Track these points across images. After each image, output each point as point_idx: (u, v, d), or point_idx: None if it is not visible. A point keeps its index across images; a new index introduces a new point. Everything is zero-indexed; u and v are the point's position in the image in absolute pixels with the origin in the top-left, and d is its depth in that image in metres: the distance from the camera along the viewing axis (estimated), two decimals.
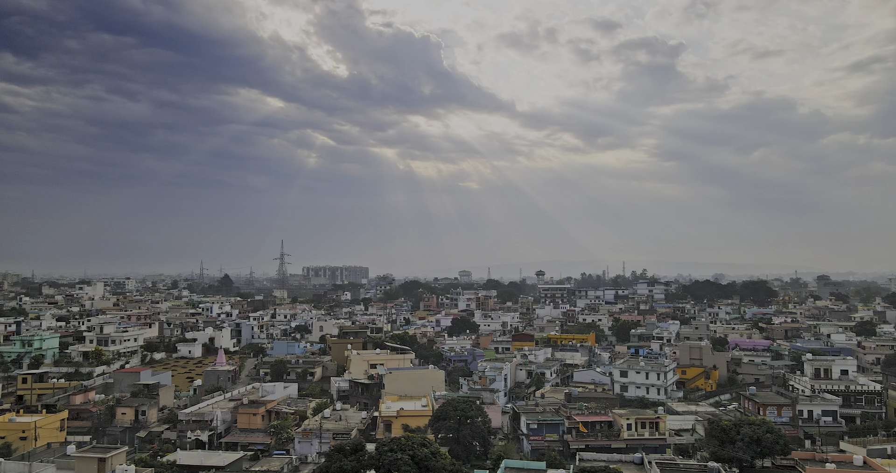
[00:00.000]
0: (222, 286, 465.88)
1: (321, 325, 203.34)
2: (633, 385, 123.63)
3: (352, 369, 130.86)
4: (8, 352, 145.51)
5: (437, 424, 75.53)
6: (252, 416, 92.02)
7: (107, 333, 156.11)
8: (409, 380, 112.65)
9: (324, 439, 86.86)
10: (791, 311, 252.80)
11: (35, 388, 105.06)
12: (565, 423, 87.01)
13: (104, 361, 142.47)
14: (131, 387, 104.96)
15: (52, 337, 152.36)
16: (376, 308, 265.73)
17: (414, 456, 53.12)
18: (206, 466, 71.97)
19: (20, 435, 76.18)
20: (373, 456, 54.53)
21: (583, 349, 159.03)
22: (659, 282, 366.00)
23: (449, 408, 75.69)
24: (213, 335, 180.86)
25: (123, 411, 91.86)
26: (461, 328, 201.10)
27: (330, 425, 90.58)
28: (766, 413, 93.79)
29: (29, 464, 55.41)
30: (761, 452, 62.97)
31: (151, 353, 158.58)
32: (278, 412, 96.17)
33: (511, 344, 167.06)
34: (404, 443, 54.66)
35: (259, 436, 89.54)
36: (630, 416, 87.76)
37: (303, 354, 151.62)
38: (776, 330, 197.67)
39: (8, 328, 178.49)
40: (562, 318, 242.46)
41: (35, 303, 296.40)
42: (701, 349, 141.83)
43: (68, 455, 71.50)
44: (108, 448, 61.47)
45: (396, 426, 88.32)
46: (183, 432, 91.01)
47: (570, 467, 61.90)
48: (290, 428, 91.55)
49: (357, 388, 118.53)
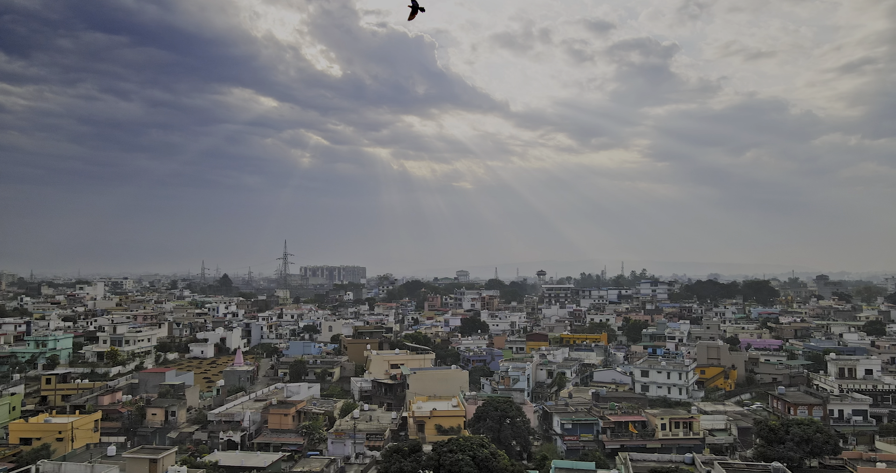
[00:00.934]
0: (222, 286, 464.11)
1: (330, 325, 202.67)
2: (654, 385, 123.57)
3: (372, 369, 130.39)
4: (22, 352, 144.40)
5: (477, 424, 75.26)
6: (283, 417, 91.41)
7: (120, 333, 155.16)
8: (434, 380, 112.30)
9: (357, 439, 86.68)
10: (797, 311, 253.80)
11: (59, 389, 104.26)
12: (600, 423, 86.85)
13: (120, 361, 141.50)
14: (157, 388, 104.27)
15: (65, 338, 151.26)
16: (382, 308, 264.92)
17: (475, 457, 52.79)
18: (248, 466, 71.46)
19: (56, 436, 75.46)
20: (431, 457, 54.14)
21: (598, 348, 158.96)
22: (662, 282, 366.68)
23: (490, 408, 75.45)
24: (225, 335, 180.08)
25: (154, 411, 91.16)
26: (471, 327, 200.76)
27: (361, 425, 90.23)
28: (796, 413, 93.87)
29: (91, 466, 54.73)
30: (811, 451, 62.93)
31: (165, 353, 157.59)
32: (308, 412, 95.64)
33: (525, 344, 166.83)
34: (463, 444, 54.33)
35: (291, 437, 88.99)
36: (664, 416, 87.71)
37: (318, 354, 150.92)
38: (785, 330, 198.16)
39: (18, 329, 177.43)
40: (568, 318, 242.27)
41: (36, 303, 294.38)
42: (718, 349, 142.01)
43: (109, 456, 71.10)
44: (158, 449, 60.92)
45: (429, 426, 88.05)
46: (214, 432, 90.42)
47: (623, 467, 61.69)
48: (321, 429, 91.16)
49: (380, 388, 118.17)
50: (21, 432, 76.12)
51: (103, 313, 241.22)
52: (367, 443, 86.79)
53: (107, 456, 71.85)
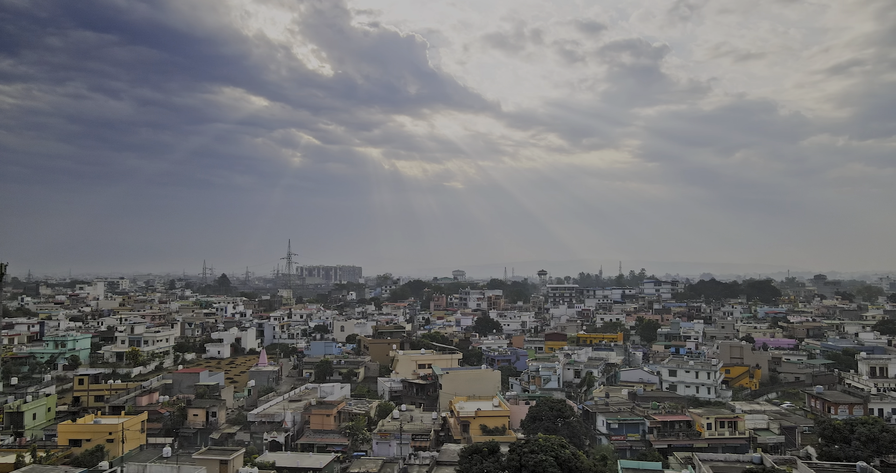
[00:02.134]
0: (220, 286, 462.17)
1: (342, 325, 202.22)
2: (682, 384, 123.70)
3: (398, 369, 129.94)
4: (41, 353, 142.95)
5: (533, 424, 75.01)
6: (325, 417, 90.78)
7: (137, 333, 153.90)
8: (466, 380, 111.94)
9: (403, 440, 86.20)
10: (804, 310, 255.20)
11: (91, 389, 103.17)
12: (646, 423, 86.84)
13: (141, 362, 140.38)
14: (191, 388, 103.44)
15: (84, 338, 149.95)
16: (390, 308, 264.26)
17: (557, 457, 52.55)
18: (304, 467, 70.86)
19: (107, 437, 74.54)
20: (512, 458, 53.83)
21: (617, 348, 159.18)
22: (665, 282, 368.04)
23: (545, 408, 75.25)
24: (240, 335, 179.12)
25: (195, 412, 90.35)
26: (485, 327, 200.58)
27: (405, 426, 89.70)
28: (837, 412, 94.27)
29: (178, 467, 54.06)
30: (877, 450, 63.10)
31: (183, 354, 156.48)
32: (348, 412, 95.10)
33: (544, 344, 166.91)
34: (543, 444, 54.07)
35: (334, 437, 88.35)
36: (709, 415, 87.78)
37: (339, 354, 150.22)
38: (797, 329, 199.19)
39: (31, 329, 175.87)
40: (577, 317, 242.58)
41: (38, 303, 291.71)
42: (741, 348, 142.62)
43: (164, 457, 70.38)
44: (227, 450, 60.35)
45: (474, 426, 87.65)
46: (256, 433, 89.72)
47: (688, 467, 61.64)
48: (364, 429, 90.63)
49: (412, 388, 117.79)
50: (70, 433, 75.19)
51: (109, 313, 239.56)
52: (414, 444, 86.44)
53: (162, 458, 71.19)
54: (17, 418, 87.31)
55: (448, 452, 70.78)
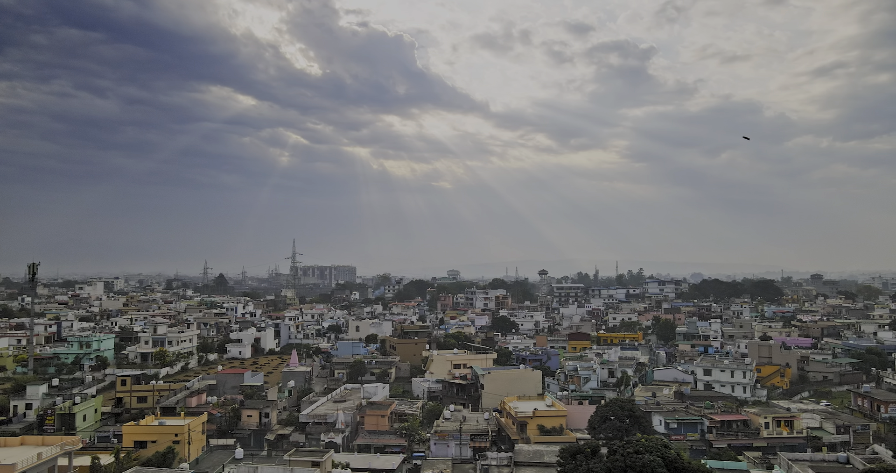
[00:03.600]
0: (218, 286, 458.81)
1: (357, 325, 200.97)
2: (717, 384, 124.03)
3: (433, 369, 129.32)
4: (64, 354, 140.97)
5: (603, 424, 74.66)
6: (379, 418, 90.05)
7: (160, 334, 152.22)
8: (508, 380, 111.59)
9: (463, 440, 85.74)
10: (811, 309, 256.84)
11: (134, 390, 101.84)
12: (705, 422, 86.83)
13: (167, 362, 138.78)
14: (235, 389, 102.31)
15: (108, 338, 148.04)
16: (400, 308, 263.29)
17: (663, 458, 52.23)
18: (377, 469, 70.26)
19: (173, 439, 73.47)
20: (615, 459, 53.43)
21: (642, 348, 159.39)
22: (669, 281, 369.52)
23: (615, 408, 74.97)
24: (258, 335, 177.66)
25: (249, 413, 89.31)
26: (501, 327, 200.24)
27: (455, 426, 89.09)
28: (887, 410, 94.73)
29: (290, 469, 53.11)
30: None
31: (206, 354, 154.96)
32: (400, 413, 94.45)
33: (567, 343, 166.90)
34: (647, 444, 53.72)
35: (391, 438, 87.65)
36: (766, 414, 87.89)
37: (366, 354, 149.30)
38: (812, 328, 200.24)
39: (48, 329, 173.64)
40: (587, 317, 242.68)
41: (40, 304, 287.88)
42: (769, 348, 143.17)
43: (237, 459, 69.49)
44: (315, 452, 59.57)
45: (532, 426, 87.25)
46: (311, 434, 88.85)
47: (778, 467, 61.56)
48: (419, 430, 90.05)
49: (451, 388, 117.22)
50: (136, 434, 74.16)
51: (117, 313, 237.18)
52: (473, 444, 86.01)
53: (236, 459, 70.33)
54: (69, 419, 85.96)
55: (523, 452, 70.27)
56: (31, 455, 54.58)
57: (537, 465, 67.08)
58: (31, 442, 61.28)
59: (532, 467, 66.59)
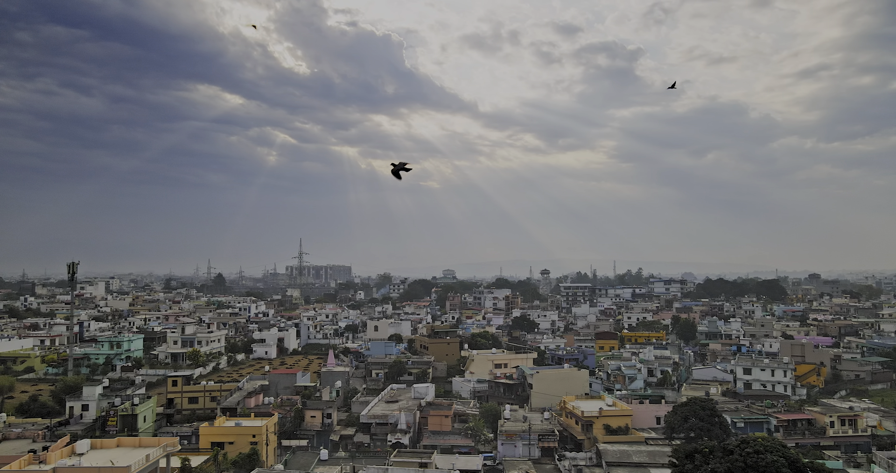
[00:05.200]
0: (217, 286, 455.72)
1: (375, 325, 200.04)
2: (757, 383, 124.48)
3: (473, 369, 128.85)
4: (95, 354, 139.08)
5: (685, 424, 74.47)
6: (443, 418, 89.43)
7: (189, 334, 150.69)
8: (556, 380, 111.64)
9: (532, 440, 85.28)
10: (821, 308, 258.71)
11: (185, 391, 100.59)
12: (772, 421, 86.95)
13: (201, 362, 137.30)
14: (287, 389, 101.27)
15: (137, 338, 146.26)
16: (412, 308, 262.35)
17: (785, 457, 52.04)
18: (464, 469, 69.60)
19: (250, 440, 72.44)
20: (734, 459, 53.12)
21: (671, 347, 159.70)
22: (675, 281, 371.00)
23: (696, 407, 74.78)
24: (281, 335, 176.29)
25: (312, 414, 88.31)
26: (522, 326, 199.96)
27: (521, 426, 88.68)
28: None
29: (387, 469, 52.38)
30: None
31: (235, 354, 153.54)
32: (462, 413, 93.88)
33: (595, 342, 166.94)
34: (765, 444, 53.53)
35: (456, 439, 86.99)
36: (831, 413, 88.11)
37: (398, 354, 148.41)
38: (830, 327, 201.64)
39: (70, 330, 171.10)
40: (601, 317, 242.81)
41: (45, 303, 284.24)
42: (803, 346, 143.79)
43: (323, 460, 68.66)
44: (419, 452, 58.91)
45: (598, 426, 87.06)
46: (376, 435, 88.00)
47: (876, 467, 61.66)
48: (483, 430, 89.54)
49: (498, 388, 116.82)
50: (212, 436, 73.01)
51: (129, 313, 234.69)
52: (541, 444, 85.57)
53: (322, 461, 69.51)
54: (131, 420, 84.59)
55: (610, 453, 69.99)
56: (141, 457, 53.59)
57: (627, 465, 66.86)
58: (127, 444, 60.26)
59: (623, 467, 66.34)
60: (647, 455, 68.86)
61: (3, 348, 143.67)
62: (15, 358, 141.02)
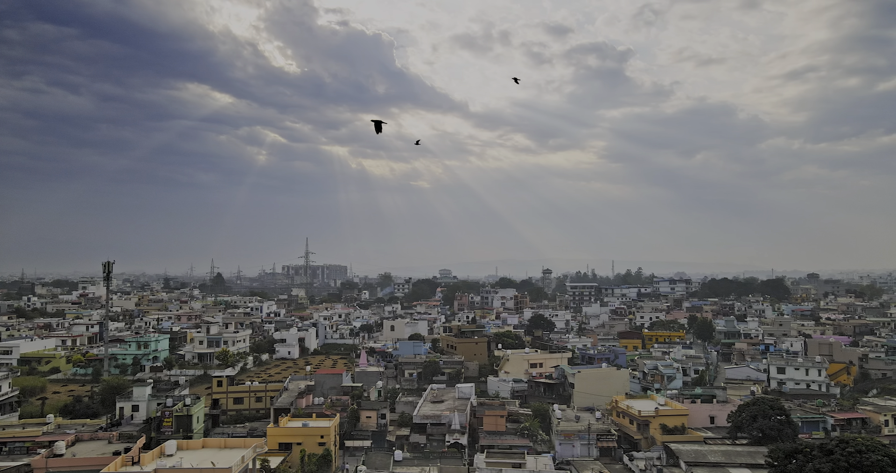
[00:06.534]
0: (216, 286, 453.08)
1: (392, 325, 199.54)
2: (791, 382, 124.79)
3: (508, 368, 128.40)
4: (122, 354, 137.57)
5: (754, 423, 74.34)
6: (498, 418, 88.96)
7: (214, 334, 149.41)
8: (597, 379, 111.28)
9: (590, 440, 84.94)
10: (829, 308, 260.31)
11: (230, 391, 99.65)
12: (829, 421, 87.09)
13: (230, 362, 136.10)
14: (334, 390, 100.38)
15: (163, 338, 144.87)
16: (424, 307, 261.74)
17: (888, 456, 52.01)
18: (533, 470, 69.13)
19: (318, 440, 71.69)
20: (836, 459, 53.02)
21: (696, 346, 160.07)
22: (679, 280, 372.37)
23: (765, 407, 74.75)
24: (301, 335, 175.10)
25: (368, 414, 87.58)
26: (539, 325, 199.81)
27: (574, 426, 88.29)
28: None
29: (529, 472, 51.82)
30: None
31: (260, 354, 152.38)
32: (515, 413, 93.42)
33: (618, 341, 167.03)
34: (867, 444, 53.50)
35: (513, 439, 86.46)
36: (885, 412, 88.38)
37: (426, 354, 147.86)
38: (845, 326, 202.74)
39: (90, 330, 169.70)
40: (613, 316, 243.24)
41: (49, 303, 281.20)
42: (831, 345, 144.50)
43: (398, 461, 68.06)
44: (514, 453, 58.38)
45: (654, 425, 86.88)
46: (432, 436, 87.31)
47: None
48: (539, 430, 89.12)
49: (538, 388, 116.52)
50: (280, 437, 72.17)
51: (139, 313, 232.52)
52: (600, 444, 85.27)
53: (397, 462, 68.93)
54: (187, 421, 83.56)
55: (684, 452, 69.74)
56: (238, 458, 52.85)
57: (704, 465, 66.63)
58: (213, 445, 59.48)
59: (701, 467, 66.06)
60: (723, 454, 68.67)
61: (26, 348, 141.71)
62: (39, 359, 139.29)
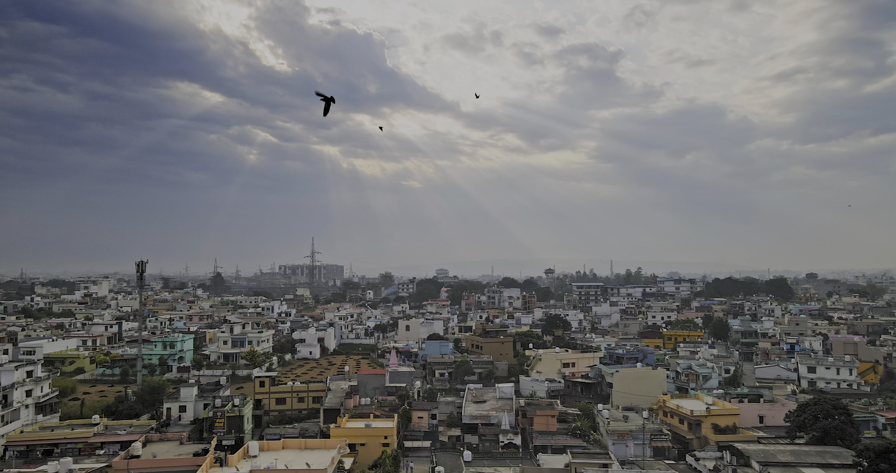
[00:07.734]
0: (216, 285, 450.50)
1: (407, 325, 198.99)
2: (821, 381, 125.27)
3: (541, 368, 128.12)
4: (148, 355, 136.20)
5: (815, 424, 74.28)
6: (549, 418, 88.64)
7: (238, 334, 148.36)
8: (636, 379, 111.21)
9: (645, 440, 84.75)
10: (836, 307, 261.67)
11: (272, 392, 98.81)
12: (880, 420, 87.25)
13: (257, 363, 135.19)
14: (377, 390, 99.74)
15: (188, 338, 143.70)
16: (435, 307, 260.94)
17: None
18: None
19: (382, 441, 71.15)
20: None
21: (718, 345, 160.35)
22: (684, 280, 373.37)
23: (827, 407, 74.75)
24: (321, 335, 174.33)
25: (420, 415, 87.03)
26: (555, 325, 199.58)
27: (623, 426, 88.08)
28: None
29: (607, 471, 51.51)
30: None
31: (284, 355, 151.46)
32: (563, 413, 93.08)
33: (639, 341, 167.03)
34: None
35: (566, 439, 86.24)
36: None
37: (453, 354, 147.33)
38: (858, 326, 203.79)
39: (109, 330, 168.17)
40: (624, 316, 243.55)
41: (53, 303, 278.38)
42: (856, 345, 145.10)
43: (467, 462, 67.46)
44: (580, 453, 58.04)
45: (706, 425, 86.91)
46: (484, 436, 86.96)
47: None
48: (590, 430, 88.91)
49: (576, 388, 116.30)
50: (345, 436, 71.35)
51: (149, 313, 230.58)
52: (654, 444, 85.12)
53: (465, 462, 68.46)
54: (238, 422, 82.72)
55: (753, 452, 69.51)
56: (327, 459, 52.26)
57: (776, 465, 66.38)
58: (293, 446, 58.79)
59: (774, 467, 65.82)
60: (791, 454, 68.54)
61: (49, 349, 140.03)
62: (63, 359, 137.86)
